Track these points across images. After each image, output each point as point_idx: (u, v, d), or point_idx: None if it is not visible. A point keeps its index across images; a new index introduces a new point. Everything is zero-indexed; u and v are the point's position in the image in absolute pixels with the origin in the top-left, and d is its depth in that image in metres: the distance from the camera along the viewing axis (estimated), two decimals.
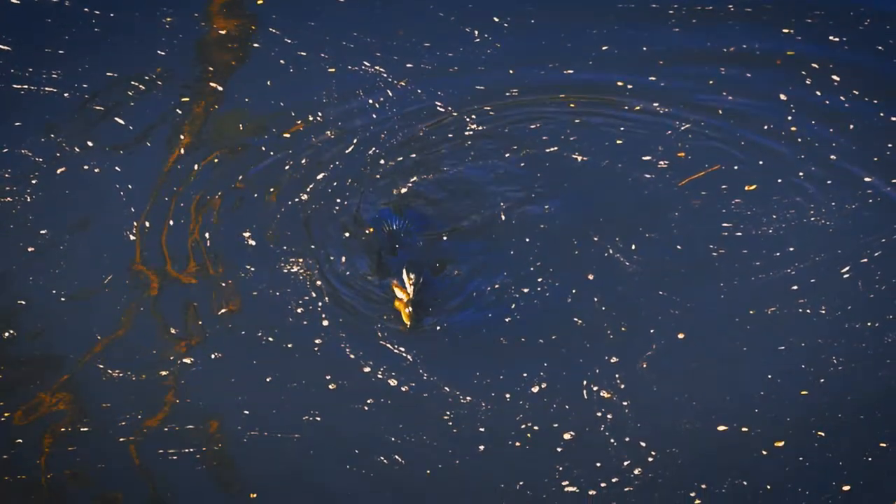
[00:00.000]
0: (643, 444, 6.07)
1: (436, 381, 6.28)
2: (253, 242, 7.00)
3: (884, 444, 6.09)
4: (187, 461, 6.03)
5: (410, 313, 6.42)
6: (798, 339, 6.52)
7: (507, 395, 6.22)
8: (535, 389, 6.24)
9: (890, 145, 7.49)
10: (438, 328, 6.48)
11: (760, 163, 7.41)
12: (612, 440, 6.08)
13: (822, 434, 6.15)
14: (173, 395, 6.26)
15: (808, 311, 6.64)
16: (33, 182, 7.19)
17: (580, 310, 6.63)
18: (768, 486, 5.96)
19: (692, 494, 5.91)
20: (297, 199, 7.22)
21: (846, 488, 5.94)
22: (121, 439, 6.10)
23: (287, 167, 7.40)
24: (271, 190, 7.26)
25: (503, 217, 7.14)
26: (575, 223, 7.08)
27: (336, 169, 7.40)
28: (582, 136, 7.54)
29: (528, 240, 7.00)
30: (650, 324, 6.57)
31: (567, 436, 6.08)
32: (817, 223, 7.09)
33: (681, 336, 6.52)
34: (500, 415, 6.16)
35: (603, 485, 5.95)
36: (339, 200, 7.23)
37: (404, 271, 6.52)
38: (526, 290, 6.69)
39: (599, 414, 6.16)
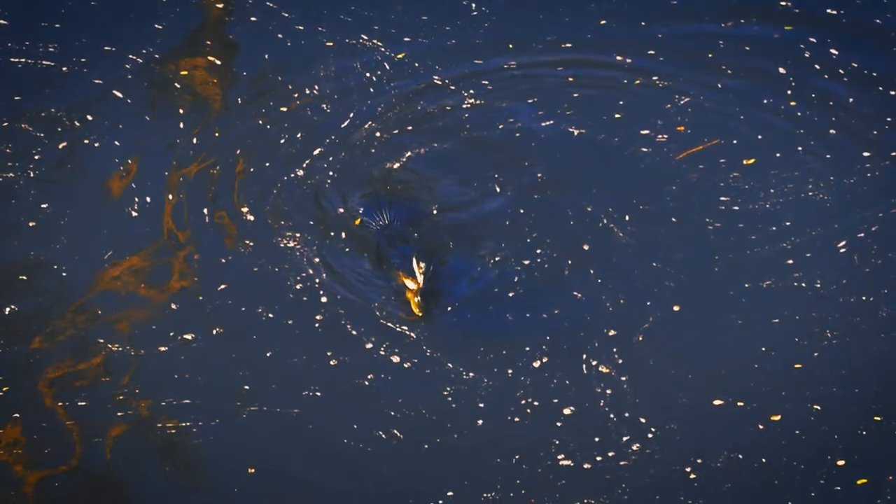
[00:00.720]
0: (640, 418, 6.10)
1: (439, 357, 6.30)
2: (251, 217, 7.01)
3: (878, 418, 6.10)
4: (185, 436, 6.06)
5: (420, 303, 6.39)
6: (792, 313, 6.52)
7: (510, 371, 6.24)
8: (537, 364, 6.26)
9: (889, 119, 7.46)
10: (449, 310, 6.47)
11: (759, 137, 7.38)
12: (609, 415, 6.11)
13: (818, 408, 6.17)
14: (172, 371, 6.28)
15: (803, 284, 6.64)
16: (35, 157, 7.20)
17: (578, 282, 6.64)
18: (763, 460, 5.98)
19: (687, 469, 5.94)
20: (292, 174, 7.22)
21: (841, 463, 5.97)
22: (118, 414, 6.13)
23: (283, 141, 7.39)
24: (267, 164, 7.26)
25: (497, 189, 7.14)
26: (567, 193, 7.07)
27: (332, 143, 7.40)
28: (579, 109, 7.52)
29: (522, 211, 7.00)
30: (646, 296, 6.58)
31: (567, 411, 6.11)
32: (815, 197, 7.08)
33: (676, 308, 6.53)
34: (500, 390, 6.18)
35: (599, 458, 5.98)
36: (332, 174, 7.23)
37: (414, 260, 6.49)
38: (527, 262, 6.70)
39: (598, 390, 6.18)
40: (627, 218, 6.92)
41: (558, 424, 6.04)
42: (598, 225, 6.89)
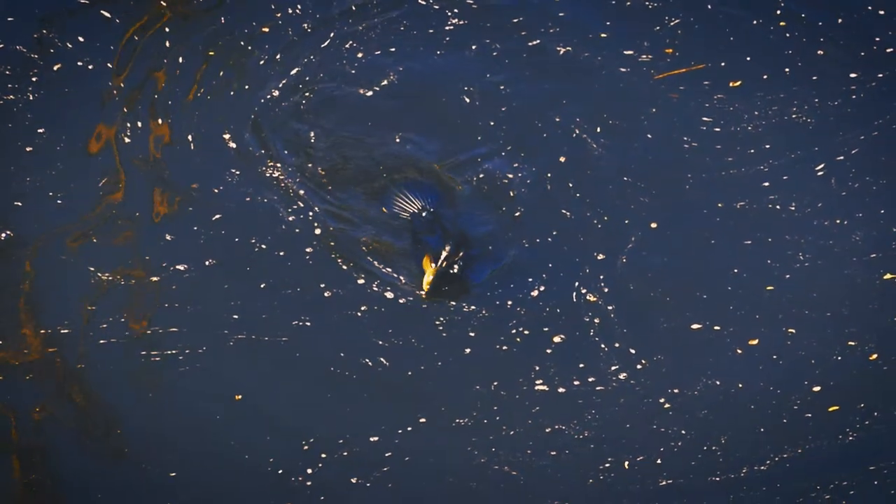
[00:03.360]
0: (626, 347, 6.12)
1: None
2: (233, 145, 7.00)
3: (852, 343, 6.15)
4: (170, 363, 6.14)
5: (432, 282, 6.24)
6: (765, 234, 6.50)
7: (509, 302, 6.27)
8: (535, 294, 6.30)
9: (878, 39, 7.33)
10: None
11: (748, 59, 7.28)
12: (596, 343, 6.12)
13: (793, 331, 6.21)
14: (162, 300, 6.33)
15: (778, 207, 6.60)
16: (33, 80, 7.20)
17: (563, 199, 6.63)
18: (740, 385, 6.04)
19: (661, 401, 6.00)
20: (269, 97, 7.16)
21: (816, 389, 6.01)
22: (101, 341, 6.19)
23: (262, 62, 7.34)
24: (247, 87, 7.21)
25: (467, 100, 7.08)
26: (534, 105, 6.99)
27: (310, 63, 7.33)
28: (565, 29, 7.41)
29: (492, 123, 6.97)
30: (624, 213, 6.57)
31: (557, 339, 6.15)
32: (798, 120, 7.01)
33: (654, 226, 6.54)
34: (494, 321, 6.22)
35: (577, 383, 6.05)
36: (308, 95, 7.15)
37: (446, 245, 6.32)
38: (510, 176, 6.69)
39: (587, 319, 6.21)
40: (599, 130, 6.87)
41: (548, 351, 6.10)
42: (570, 136, 6.85)
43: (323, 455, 5.83)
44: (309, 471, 5.76)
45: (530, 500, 5.75)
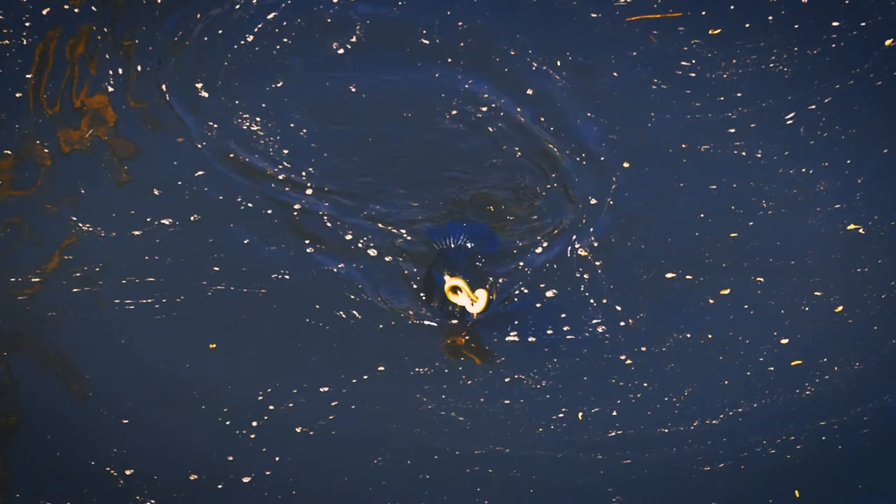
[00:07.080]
0: (613, 304, 6.11)
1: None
2: (205, 94, 6.99)
3: (818, 294, 6.13)
4: (145, 312, 6.17)
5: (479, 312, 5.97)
6: (730, 180, 6.45)
7: (521, 263, 6.25)
8: (539, 251, 6.28)
9: None
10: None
11: (731, 8, 7.17)
12: (586, 298, 6.11)
13: (761, 280, 6.20)
14: (142, 252, 6.36)
15: (744, 153, 6.54)
16: (27, 25, 7.21)
17: (543, 134, 6.59)
18: (709, 336, 6.04)
19: (622, 357, 5.97)
20: (243, 42, 7.12)
21: (785, 341, 5.99)
22: (74, 290, 6.21)
23: (238, 6, 7.28)
24: (219, 32, 7.16)
25: (426, 42, 7.03)
26: (489, 41, 6.95)
27: (287, 7, 7.28)
28: None
29: (450, 60, 6.92)
30: (598, 150, 6.52)
31: (549, 294, 6.13)
32: (775, 69, 6.92)
33: (626, 165, 6.50)
34: (491, 282, 6.22)
35: (550, 332, 6.04)
36: (285, 41, 7.11)
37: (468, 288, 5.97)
38: (484, 109, 6.63)
39: (578, 274, 6.19)
40: (559, 63, 6.78)
41: (537, 305, 6.11)
42: (530, 69, 6.78)
43: (271, 407, 5.88)
44: (254, 423, 5.81)
45: (473, 445, 5.74)
